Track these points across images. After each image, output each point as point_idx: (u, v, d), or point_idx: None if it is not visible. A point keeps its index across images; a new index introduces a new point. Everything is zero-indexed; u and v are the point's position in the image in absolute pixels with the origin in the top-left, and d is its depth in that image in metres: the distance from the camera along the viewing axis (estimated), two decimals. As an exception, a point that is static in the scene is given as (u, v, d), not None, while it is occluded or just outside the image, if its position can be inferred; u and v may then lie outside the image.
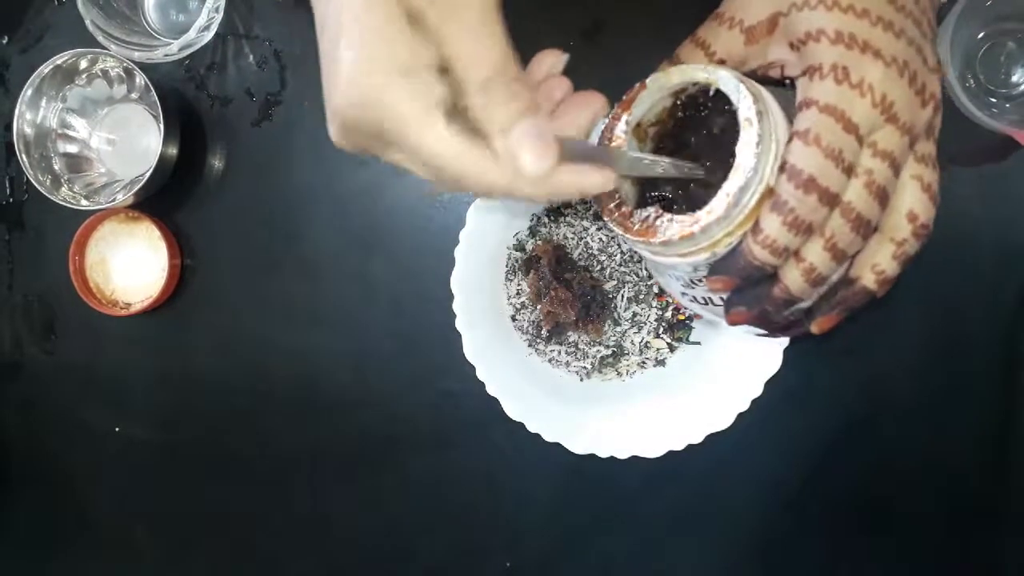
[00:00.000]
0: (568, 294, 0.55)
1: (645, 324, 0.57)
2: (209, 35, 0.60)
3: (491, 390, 0.54)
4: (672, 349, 0.57)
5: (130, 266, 0.63)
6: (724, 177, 0.34)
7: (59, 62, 0.60)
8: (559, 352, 0.58)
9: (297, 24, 0.62)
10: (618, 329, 0.58)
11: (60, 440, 0.66)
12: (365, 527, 0.63)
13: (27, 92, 0.60)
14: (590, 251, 0.58)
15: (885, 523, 0.59)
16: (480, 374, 0.54)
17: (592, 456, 0.55)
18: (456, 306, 0.54)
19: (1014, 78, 0.57)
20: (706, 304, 0.39)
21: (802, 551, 0.60)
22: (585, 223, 0.58)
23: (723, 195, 0.33)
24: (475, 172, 0.30)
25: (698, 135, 0.38)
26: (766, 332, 0.39)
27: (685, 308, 0.42)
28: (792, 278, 0.35)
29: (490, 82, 0.30)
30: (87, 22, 0.58)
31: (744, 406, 0.53)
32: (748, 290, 0.36)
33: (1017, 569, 0.59)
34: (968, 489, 0.58)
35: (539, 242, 0.57)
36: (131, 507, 0.65)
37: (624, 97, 0.38)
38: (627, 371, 0.58)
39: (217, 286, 0.64)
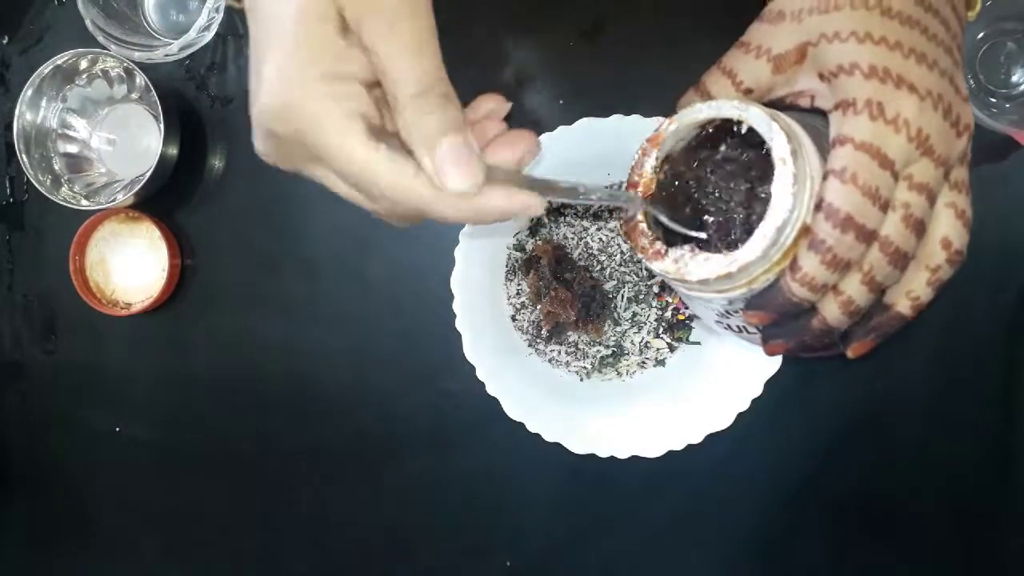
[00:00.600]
0: (568, 294, 0.55)
1: (645, 324, 0.58)
2: (209, 35, 0.60)
3: (491, 390, 0.54)
4: (672, 349, 0.57)
5: (130, 266, 0.63)
6: (752, 211, 0.34)
7: (59, 62, 0.60)
8: (559, 352, 0.58)
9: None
10: (618, 329, 0.58)
11: (60, 440, 0.66)
12: (365, 527, 0.63)
13: (27, 92, 0.60)
14: (590, 251, 0.58)
15: (885, 523, 0.59)
16: (480, 374, 0.54)
17: (592, 456, 0.55)
18: (456, 306, 0.54)
19: (1014, 78, 0.58)
20: (740, 332, 0.39)
21: (802, 551, 0.60)
22: (585, 223, 0.58)
23: (760, 235, 0.33)
24: (398, 187, 0.30)
25: (719, 168, 0.37)
26: (798, 355, 0.39)
27: (716, 331, 0.42)
28: (831, 311, 0.35)
29: (419, 97, 0.30)
30: (87, 22, 0.58)
31: (744, 406, 0.53)
32: (787, 323, 0.36)
33: (1017, 569, 0.59)
34: (969, 489, 0.58)
35: (539, 242, 0.57)
36: (131, 507, 0.65)
37: (654, 131, 0.37)
38: (627, 371, 0.58)
39: (217, 286, 0.64)
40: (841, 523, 0.59)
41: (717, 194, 0.36)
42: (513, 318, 0.58)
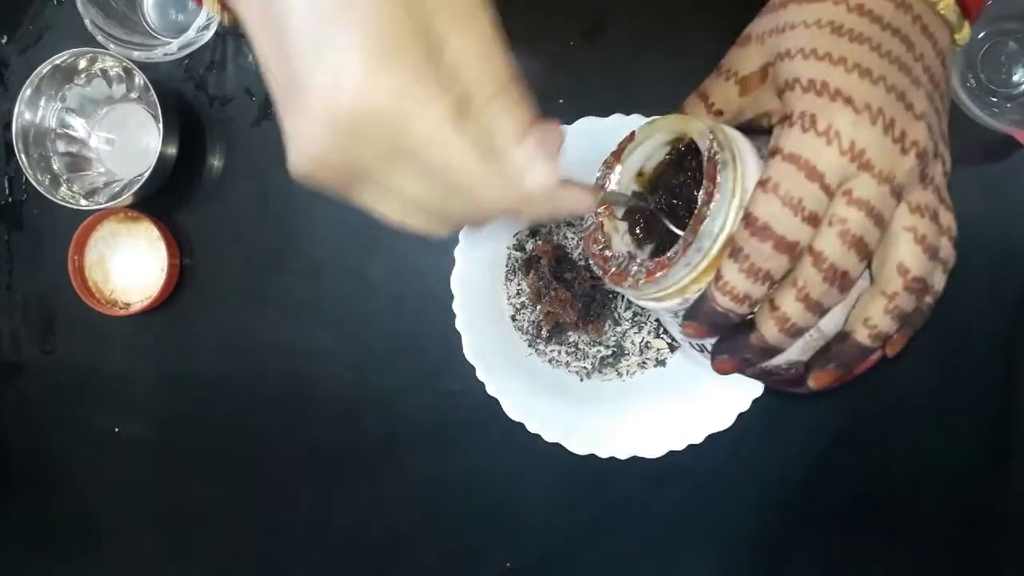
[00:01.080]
0: (568, 294, 0.55)
1: (645, 324, 0.57)
2: (208, 34, 0.60)
3: (491, 390, 0.54)
4: (672, 349, 0.57)
5: (129, 266, 0.63)
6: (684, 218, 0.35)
7: (58, 62, 0.60)
8: (559, 352, 0.58)
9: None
10: (618, 329, 0.58)
11: (60, 440, 0.66)
12: (365, 527, 0.63)
13: (26, 92, 0.60)
14: None
15: (885, 523, 0.59)
16: (480, 374, 0.54)
17: (592, 456, 0.55)
18: (456, 306, 0.54)
19: (1015, 78, 0.57)
20: (702, 351, 0.39)
21: (802, 551, 0.60)
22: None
23: (682, 241, 0.34)
24: (486, 187, 0.28)
25: (683, 183, 0.38)
26: (771, 385, 0.39)
27: (688, 351, 0.43)
28: (767, 327, 0.34)
29: (499, 96, 0.29)
30: (86, 22, 0.58)
31: (745, 406, 0.53)
32: (730, 339, 0.36)
33: (1017, 569, 0.59)
34: (968, 489, 0.58)
35: (539, 242, 0.57)
36: (131, 507, 0.65)
37: (615, 147, 0.38)
38: (627, 371, 0.58)
39: (217, 286, 0.63)
40: (841, 523, 0.59)
41: (680, 210, 0.38)
42: (513, 318, 0.58)
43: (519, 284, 0.58)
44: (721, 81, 0.37)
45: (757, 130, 0.37)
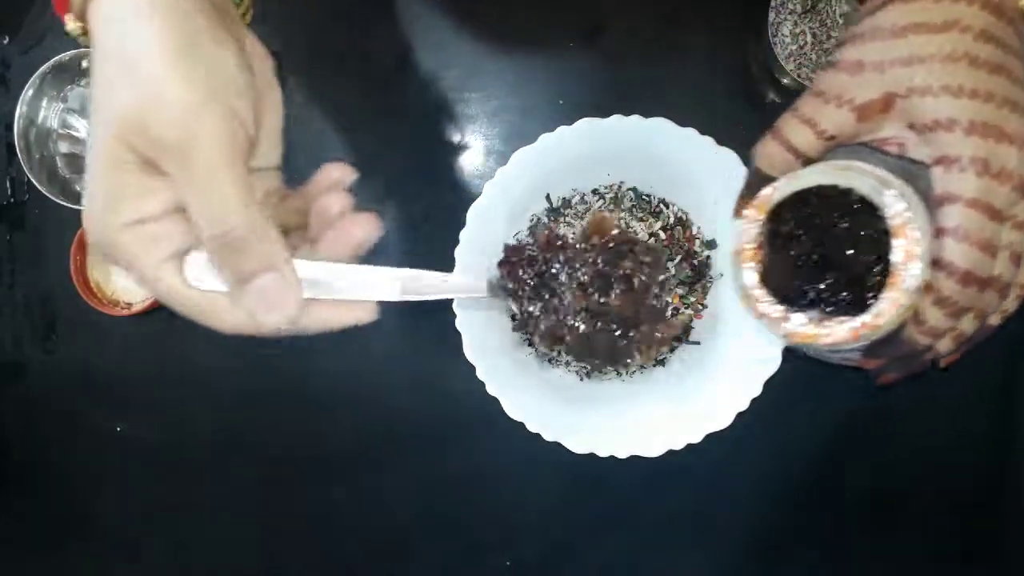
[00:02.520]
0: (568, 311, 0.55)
1: None
2: (210, 35, 0.60)
3: (491, 390, 0.54)
4: (672, 349, 0.57)
5: (131, 266, 0.63)
6: (865, 272, 0.35)
7: (60, 62, 0.60)
8: (559, 352, 0.58)
9: (297, 25, 0.62)
10: None
11: (60, 440, 0.66)
12: (365, 527, 0.63)
13: (28, 92, 0.60)
14: None
15: (885, 523, 0.59)
16: (480, 374, 0.54)
17: (592, 456, 0.55)
18: (456, 306, 0.54)
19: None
20: (844, 359, 0.40)
21: (802, 551, 0.60)
22: (584, 223, 0.58)
23: (891, 302, 0.34)
24: (217, 318, 0.32)
25: (814, 229, 0.37)
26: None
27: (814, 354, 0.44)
28: (944, 345, 0.37)
29: (220, 238, 0.29)
30: (88, 22, 0.58)
31: (744, 405, 0.53)
32: (906, 360, 0.38)
33: (1017, 569, 0.59)
34: (968, 488, 0.58)
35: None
36: (131, 507, 0.65)
37: (755, 200, 0.38)
38: (627, 371, 0.58)
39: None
40: (840, 523, 0.59)
41: (824, 256, 0.36)
42: (513, 318, 0.58)
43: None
44: (831, 108, 0.37)
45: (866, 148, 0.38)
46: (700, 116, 0.49)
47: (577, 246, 0.42)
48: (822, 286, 0.36)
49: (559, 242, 0.42)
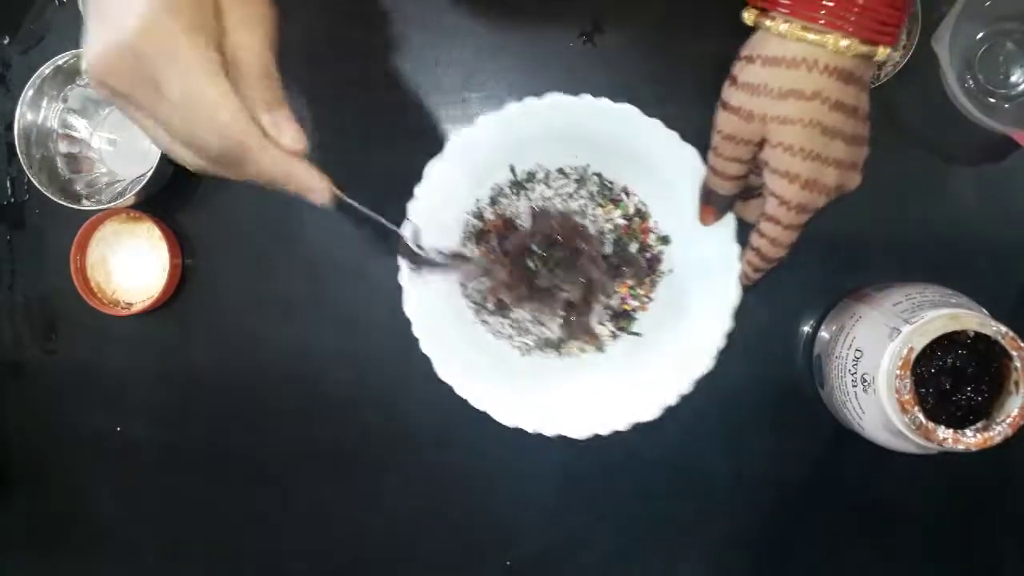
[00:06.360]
0: (514, 274, 0.56)
1: (593, 315, 0.58)
2: (210, 35, 0.60)
3: (424, 348, 0.54)
4: (615, 337, 0.58)
5: (131, 266, 0.63)
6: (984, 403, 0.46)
7: (60, 62, 0.60)
8: (503, 325, 0.58)
9: (296, 27, 0.62)
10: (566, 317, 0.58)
11: (60, 440, 0.66)
12: (365, 527, 0.63)
13: (28, 92, 0.60)
14: None
15: (885, 523, 0.59)
16: (416, 330, 0.54)
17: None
18: (401, 260, 0.54)
19: (1013, 78, 0.58)
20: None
21: (801, 551, 0.60)
22: (548, 192, 0.58)
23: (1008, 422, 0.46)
24: (234, 126, 0.36)
25: (948, 369, 0.47)
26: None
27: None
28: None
29: (264, 77, 0.37)
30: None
31: (672, 400, 0.53)
32: None
33: (1017, 569, 0.59)
34: (968, 489, 0.58)
35: (497, 213, 0.57)
36: (131, 507, 0.65)
37: (900, 362, 0.45)
38: (568, 353, 0.58)
39: (217, 286, 0.64)
40: (840, 522, 0.59)
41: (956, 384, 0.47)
42: (463, 285, 0.58)
43: (473, 251, 0.58)
44: (733, 152, 0.46)
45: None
46: (701, 116, 0.49)
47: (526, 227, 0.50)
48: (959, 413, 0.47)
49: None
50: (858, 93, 0.43)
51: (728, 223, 0.52)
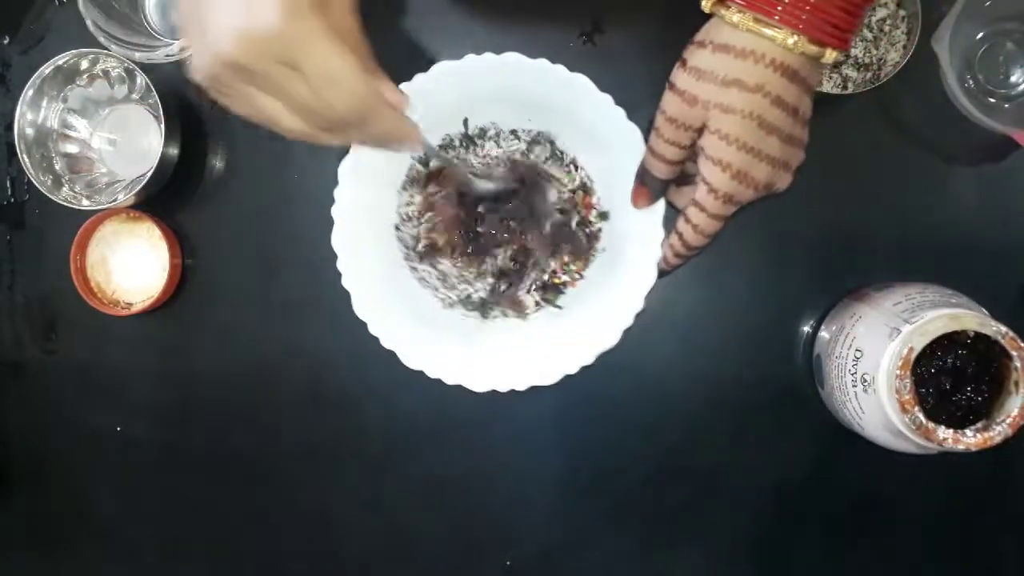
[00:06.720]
0: (457, 215, 0.57)
1: (523, 285, 0.58)
2: (210, 35, 0.60)
3: (345, 283, 0.54)
4: (538, 307, 0.58)
5: (131, 266, 0.63)
6: (983, 402, 0.47)
7: (60, 63, 0.60)
8: (430, 274, 0.58)
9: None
10: (492, 282, 0.58)
11: (60, 440, 0.66)
12: (365, 527, 0.63)
13: (28, 92, 0.60)
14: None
15: (885, 523, 0.59)
16: (340, 264, 0.54)
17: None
18: (337, 192, 0.54)
19: (1013, 78, 0.58)
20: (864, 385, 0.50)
21: (802, 552, 0.60)
22: (496, 151, 0.58)
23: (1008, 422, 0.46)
24: (358, 89, 0.38)
25: (948, 369, 0.48)
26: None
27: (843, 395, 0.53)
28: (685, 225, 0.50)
29: (361, 43, 0.40)
30: (88, 23, 0.58)
31: (573, 370, 0.53)
32: None
33: (1017, 569, 0.59)
34: (968, 489, 0.58)
35: (452, 161, 0.58)
36: (131, 507, 0.65)
37: (900, 362, 0.46)
38: (490, 315, 0.58)
39: (217, 286, 0.64)
40: (840, 522, 0.59)
41: (956, 384, 0.48)
42: (397, 228, 0.58)
43: (412, 196, 0.58)
44: (674, 135, 0.47)
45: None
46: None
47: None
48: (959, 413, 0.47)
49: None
50: (801, 94, 0.44)
51: (657, 207, 0.53)
